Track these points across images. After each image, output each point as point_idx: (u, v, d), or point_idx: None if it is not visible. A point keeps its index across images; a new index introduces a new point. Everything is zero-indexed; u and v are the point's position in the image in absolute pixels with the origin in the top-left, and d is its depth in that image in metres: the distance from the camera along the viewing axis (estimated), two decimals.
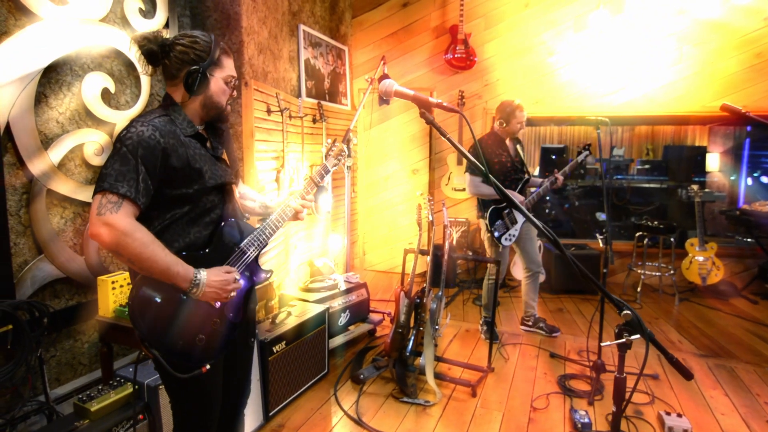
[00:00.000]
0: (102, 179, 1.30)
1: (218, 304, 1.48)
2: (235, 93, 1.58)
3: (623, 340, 1.20)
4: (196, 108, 1.51)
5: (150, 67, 1.48)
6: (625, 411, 1.29)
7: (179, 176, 1.41)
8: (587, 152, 3.55)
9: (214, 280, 1.41)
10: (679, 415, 2.53)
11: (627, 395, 1.29)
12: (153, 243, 1.33)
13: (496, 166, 3.52)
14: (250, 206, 1.82)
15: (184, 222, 1.46)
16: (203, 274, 1.40)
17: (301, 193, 1.75)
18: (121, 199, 1.29)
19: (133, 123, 1.37)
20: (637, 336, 1.19)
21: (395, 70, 5.17)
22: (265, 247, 1.64)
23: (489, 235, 3.52)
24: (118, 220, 1.28)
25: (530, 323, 3.80)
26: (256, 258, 1.62)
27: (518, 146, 3.67)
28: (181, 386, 1.48)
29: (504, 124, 3.53)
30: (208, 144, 1.56)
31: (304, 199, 1.74)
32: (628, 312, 1.19)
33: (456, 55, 4.99)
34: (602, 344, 1.36)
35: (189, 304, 1.42)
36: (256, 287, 1.69)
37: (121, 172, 1.30)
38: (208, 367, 1.45)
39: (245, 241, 1.58)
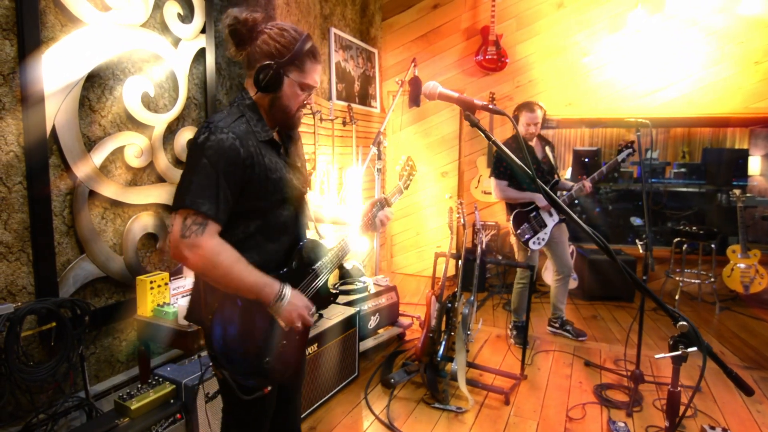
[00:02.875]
0: (183, 193, 1.22)
1: (287, 328, 1.40)
2: (311, 101, 1.43)
3: (679, 352, 1.14)
4: (265, 108, 1.38)
5: (232, 48, 1.35)
6: (679, 426, 1.24)
7: (256, 188, 1.32)
8: (630, 150, 3.36)
9: (295, 302, 1.35)
10: (725, 430, 2.42)
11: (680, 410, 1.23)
12: (239, 261, 1.26)
13: (518, 170, 3.44)
14: (317, 212, 1.74)
15: (260, 237, 1.38)
16: (288, 290, 1.33)
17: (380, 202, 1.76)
18: (205, 220, 1.22)
19: (210, 127, 1.25)
20: (694, 348, 1.14)
21: (425, 73, 5.14)
22: (336, 268, 1.59)
23: (516, 239, 3.46)
24: (205, 243, 1.21)
25: (557, 325, 3.74)
26: (326, 282, 1.56)
27: (547, 148, 3.58)
28: (240, 406, 1.44)
29: (518, 125, 3.46)
30: (282, 150, 1.44)
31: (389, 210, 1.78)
32: (684, 323, 1.14)
33: (487, 57, 4.94)
34: (656, 356, 1.30)
35: (264, 328, 1.36)
36: None
37: (201, 186, 1.21)
38: (269, 388, 1.41)
39: (319, 263, 1.52)
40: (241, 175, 1.27)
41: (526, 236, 3.42)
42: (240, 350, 1.33)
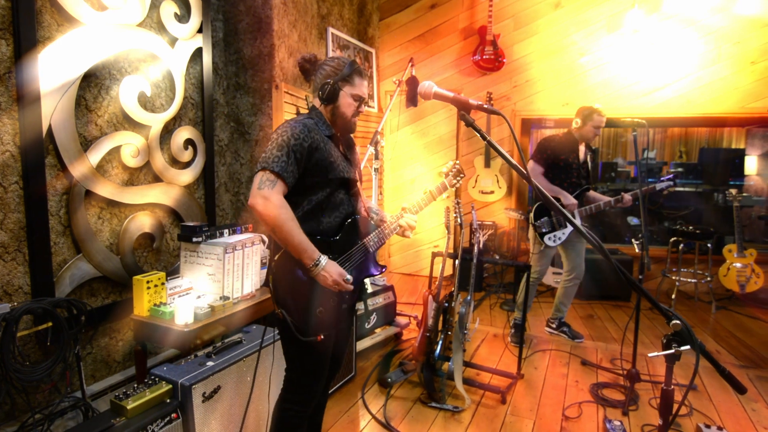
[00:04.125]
0: (263, 159, 1.63)
1: (351, 287, 1.72)
2: (362, 109, 1.82)
3: (672, 351, 1.15)
4: (328, 116, 1.80)
5: (304, 77, 1.84)
6: (672, 424, 1.24)
7: (319, 166, 1.69)
8: (671, 182, 3.42)
9: (330, 268, 1.66)
10: (720, 429, 2.43)
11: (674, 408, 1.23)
12: (292, 220, 1.62)
13: (561, 164, 3.46)
14: (371, 215, 2.05)
15: (319, 210, 1.73)
16: (324, 260, 1.65)
17: (414, 208, 2.02)
18: (276, 178, 1.60)
19: (288, 121, 1.71)
20: (687, 347, 1.14)
21: (423, 72, 5.15)
22: (383, 245, 1.91)
23: (533, 230, 3.47)
24: (272, 195, 1.59)
25: (554, 326, 3.75)
26: (374, 253, 1.90)
27: (590, 155, 3.61)
28: (298, 348, 1.74)
29: (579, 124, 3.46)
30: (340, 146, 1.83)
31: (413, 218, 2.02)
32: (678, 322, 1.14)
33: (484, 57, 4.95)
34: (650, 355, 1.30)
35: (315, 281, 1.67)
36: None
37: (277, 156, 1.61)
38: (322, 337, 1.69)
39: (368, 236, 1.86)
40: (305, 153, 1.66)
41: (543, 230, 3.43)
42: (295, 295, 1.68)
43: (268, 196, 1.58)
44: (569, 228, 3.44)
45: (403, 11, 5.28)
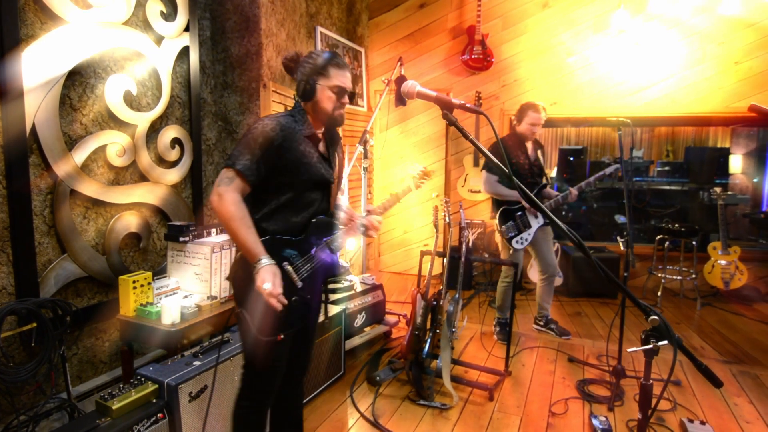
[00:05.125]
0: (229, 157, 1.63)
1: (300, 284, 1.71)
2: (345, 100, 1.77)
3: (650, 346, 1.17)
4: (311, 113, 1.76)
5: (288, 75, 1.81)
6: (651, 418, 1.26)
7: (290, 167, 1.67)
8: (617, 165, 3.42)
9: (266, 272, 1.58)
10: (703, 423, 2.47)
11: (653, 402, 1.26)
12: (242, 219, 1.59)
13: (512, 167, 3.47)
14: (339, 215, 2.01)
15: (286, 210, 1.71)
16: (265, 262, 1.59)
17: (378, 209, 2.01)
18: (236, 176, 1.60)
19: (263, 118, 1.69)
20: (665, 342, 1.17)
21: (412, 72, 5.16)
22: (345, 245, 1.83)
23: (501, 236, 3.49)
24: (227, 193, 1.58)
25: (542, 323, 3.79)
26: (337, 253, 1.88)
27: (539, 151, 3.62)
28: (256, 346, 1.70)
29: (516, 122, 3.50)
30: (321, 146, 1.81)
31: (377, 219, 1.99)
32: (656, 317, 1.17)
33: (473, 56, 4.97)
34: (629, 350, 1.32)
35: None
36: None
37: (242, 153, 1.61)
38: (282, 336, 1.68)
39: (332, 237, 1.84)
40: (274, 152, 1.63)
41: (510, 234, 3.46)
42: (252, 294, 1.61)
43: (223, 194, 1.58)
44: (534, 227, 3.48)
45: (392, 10, 5.29)
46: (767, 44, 4.45)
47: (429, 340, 2.97)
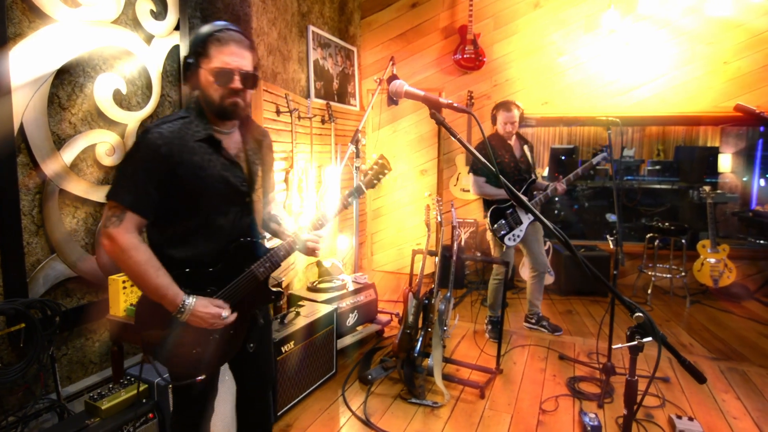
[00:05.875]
0: (111, 186, 1.35)
1: (231, 319, 1.47)
2: (236, 85, 1.38)
3: (635, 342, 1.18)
4: (203, 104, 1.43)
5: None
6: (636, 414, 1.28)
7: (185, 185, 1.37)
8: (604, 153, 3.43)
9: (201, 311, 1.39)
10: (691, 419, 2.50)
11: (638, 399, 1.27)
12: (147, 263, 1.33)
13: (498, 167, 3.50)
14: (270, 227, 1.73)
15: (195, 233, 1.43)
16: (191, 302, 1.37)
17: (314, 223, 1.59)
18: (123, 212, 1.32)
19: (147, 128, 1.36)
20: (649, 339, 1.18)
21: (404, 71, 5.17)
22: (275, 269, 1.55)
23: (492, 234, 3.52)
24: (118, 236, 1.31)
25: (533, 321, 3.82)
26: (266, 280, 1.56)
27: (525, 147, 3.64)
28: (177, 389, 1.54)
29: (493, 122, 3.53)
30: (231, 147, 1.48)
31: (317, 234, 1.60)
32: (641, 314, 1.18)
33: (465, 56, 4.98)
34: (613, 347, 1.34)
35: (168, 324, 1.41)
36: None
37: (125, 180, 1.33)
38: (203, 377, 1.45)
39: (257, 263, 1.51)
40: (164, 172, 1.33)
41: (502, 232, 3.48)
42: (163, 340, 1.41)
43: (114, 237, 1.30)
44: (525, 223, 3.51)
45: (384, 10, 5.29)
46: (755, 44, 4.50)
47: (420, 339, 2.98)
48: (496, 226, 3.49)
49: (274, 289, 1.59)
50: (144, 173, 1.32)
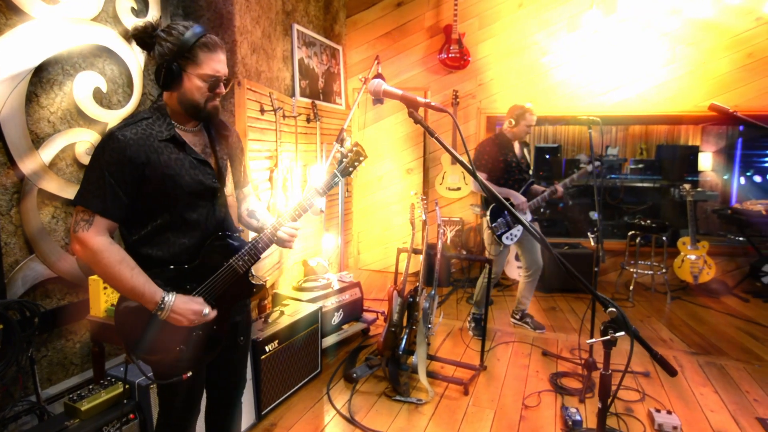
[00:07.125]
0: (78, 191, 1.33)
1: (212, 316, 1.47)
2: (221, 90, 1.44)
3: (608, 337, 1.21)
4: (175, 105, 1.43)
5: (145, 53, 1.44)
6: (611, 407, 1.31)
7: (154, 185, 1.37)
8: (598, 163, 3.51)
9: (181, 307, 1.39)
10: (669, 412, 2.55)
11: (613, 392, 1.30)
12: (121, 263, 1.34)
13: (501, 165, 3.56)
14: (250, 223, 1.74)
15: (169, 231, 1.43)
16: (170, 299, 1.38)
17: (291, 215, 1.58)
18: (92, 216, 1.31)
19: (111, 130, 1.35)
20: (622, 333, 1.21)
21: (389, 70, 5.18)
22: (256, 262, 1.56)
23: (490, 232, 3.55)
24: (89, 239, 1.31)
25: (518, 317, 3.89)
26: (246, 272, 1.56)
27: (525, 149, 3.72)
28: (162, 388, 1.55)
29: (513, 124, 3.56)
30: (197, 145, 1.49)
31: (292, 227, 1.59)
32: (614, 309, 1.21)
33: (450, 55, 5.01)
34: (588, 341, 1.37)
35: (147, 323, 1.41)
36: None
37: (92, 185, 1.31)
38: (189, 374, 1.46)
39: (235, 256, 1.51)
40: (131, 174, 1.33)
41: (500, 231, 3.51)
42: (145, 339, 1.41)
43: (85, 241, 1.31)
44: None
45: (369, 8, 5.29)
46: (734, 45, 4.59)
47: (405, 337, 2.99)
48: (494, 224, 3.52)
49: (255, 282, 1.59)
50: (111, 177, 1.31)
